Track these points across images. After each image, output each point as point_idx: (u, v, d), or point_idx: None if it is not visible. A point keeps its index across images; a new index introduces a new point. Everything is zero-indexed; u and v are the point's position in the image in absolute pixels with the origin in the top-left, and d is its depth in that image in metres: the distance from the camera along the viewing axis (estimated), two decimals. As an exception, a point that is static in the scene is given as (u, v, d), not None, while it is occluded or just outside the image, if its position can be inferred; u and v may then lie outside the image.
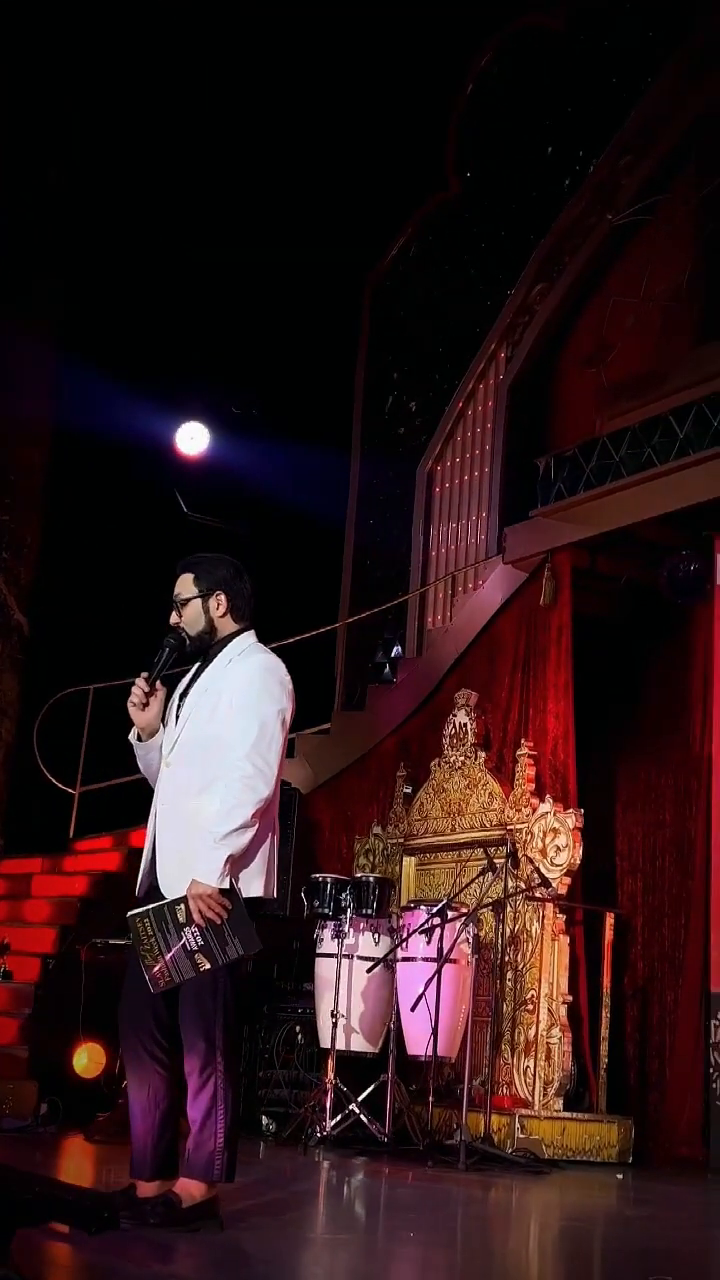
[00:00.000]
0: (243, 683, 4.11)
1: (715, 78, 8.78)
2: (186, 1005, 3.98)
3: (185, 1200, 3.92)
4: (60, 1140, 6.56)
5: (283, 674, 4.19)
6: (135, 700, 4.17)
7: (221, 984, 3.99)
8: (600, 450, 7.74)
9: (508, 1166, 6.45)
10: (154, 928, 3.93)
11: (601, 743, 8.57)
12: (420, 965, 6.83)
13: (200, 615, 4.23)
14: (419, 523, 10.47)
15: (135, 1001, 4.10)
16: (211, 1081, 3.95)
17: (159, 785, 4.19)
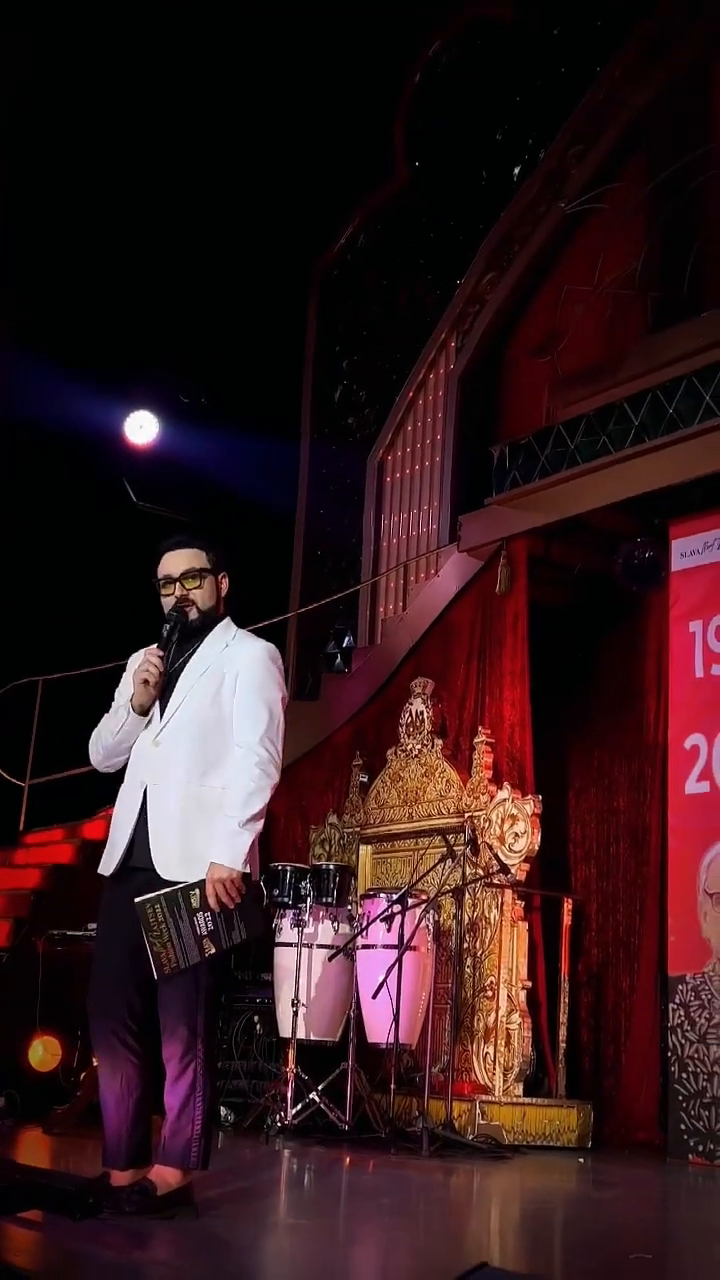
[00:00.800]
0: (249, 667, 4.10)
1: (664, 68, 8.81)
2: (171, 991, 3.94)
3: (161, 1188, 3.88)
4: (18, 1134, 6.49)
5: (280, 662, 4.22)
6: (150, 676, 4.08)
7: (205, 970, 3.96)
8: (555, 438, 7.75)
9: (470, 1152, 6.45)
10: (165, 913, 3.88)
11: (554, 730, 8.58)
12: (380, 953, 6.81)
13: (213, 592, 4.22)
14: (370, 512, 10.45)
15: (106, 989, 4.05)
16: (192, 1068, 3.91)
17: (143, 764, 4.10)
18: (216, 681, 4.10)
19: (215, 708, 4.07)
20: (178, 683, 4.12)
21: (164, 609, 4.20)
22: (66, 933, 7.06)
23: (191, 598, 4.17)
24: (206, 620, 4.20)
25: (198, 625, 4.18)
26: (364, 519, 10.46)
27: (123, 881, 4.04)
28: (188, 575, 4.17)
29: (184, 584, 4.18)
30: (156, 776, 4.05)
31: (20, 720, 9.83)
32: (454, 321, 10.03)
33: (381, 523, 10.40)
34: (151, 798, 4.04)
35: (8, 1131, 6.54)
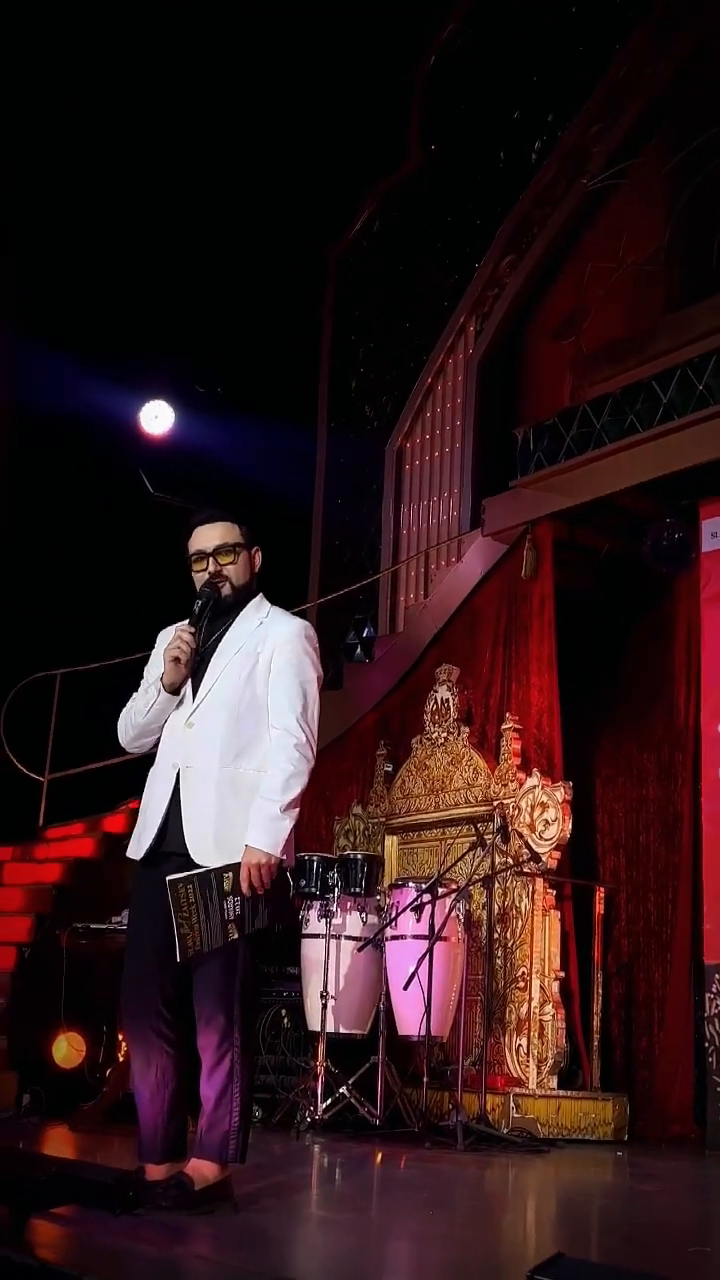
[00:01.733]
0: (283, 646, 3.96)
1: (684, 43, 8.67)
2: (206, 979, 3.80)
3: (198, 1182, 3.74)
4: (44, 1130, 6.36)
5: (316, 641, 4.07)
6: (181, 653, 3.93)
7: (242, 957, 3.82)
8: (581, 418, 7.60)
9: (505, 1146, 6.30)
10: (197, 894, 3.74)
11: (580, 717, 8.42)
12: (410, 944, 6.67)
13: (247, 566, 4.08)
14: (389, 501, 10.32)
15: (139, 978, 3.91)
16: (228, 1058, 3.77)
17: (175, 745, 3.96)
18: (250, 660, 3.96)
19: (249, 688, 3.93)
20: (211, 661, 3.98)
21: (196, 585, 4.06)
22: (90, 926, 6.92)
23: (225, 573, 4.02)
24: (240, 597, 4.05)
25: (231, 602, 4.03)
26: (383, 507, 10.33)
27: (154, 866, 3.90)
28: (221, 550, 4.03)
29: (218, 559, 4.03)
30: (190, 759, 3.92)
31: (38, 715, 9.71)
32: (472, 305, 9.90)
33: (401, 511, 10.27)
34: (184, 780, 3.90)
35: (33, 1129, 6.41)
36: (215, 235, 10.86)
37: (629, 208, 8.57)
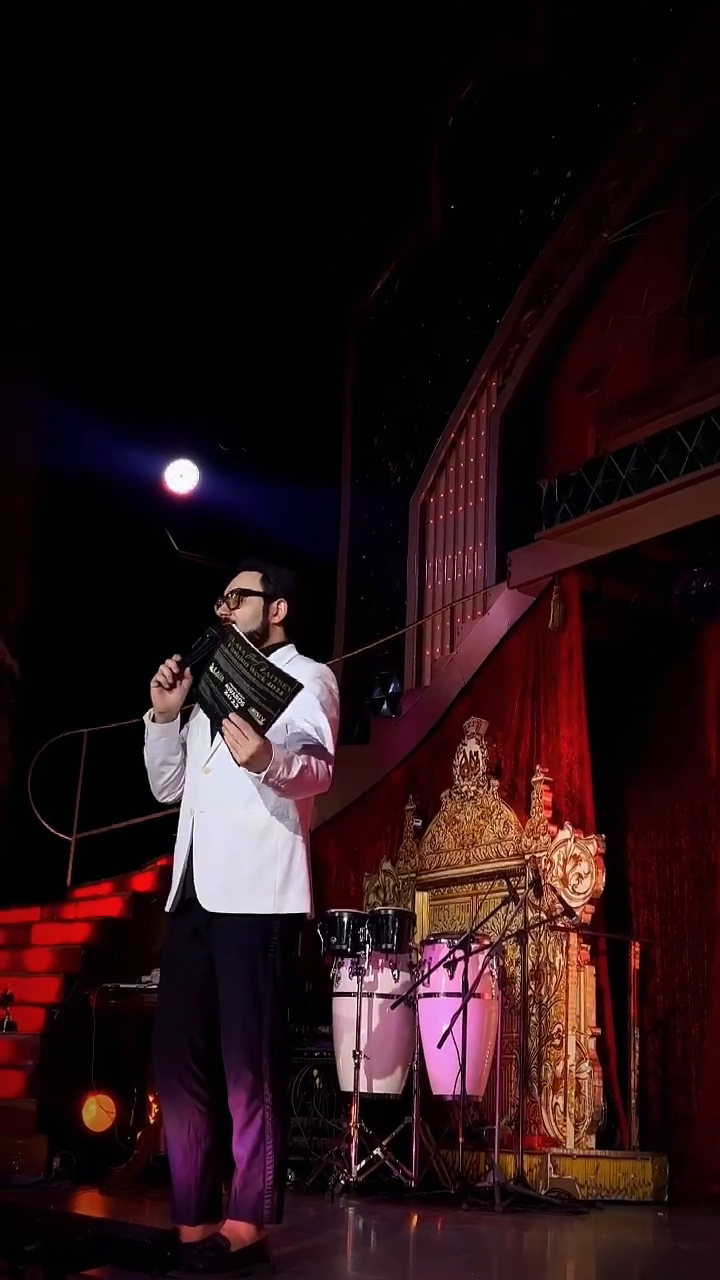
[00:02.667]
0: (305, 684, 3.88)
1: (702, 99, 8.74)
2: (233, 1035, 3.75)
3: (234, 1243, 3.67)
4: (74, 1195, 6.28)
5: (335, 684, 4.06)
6: (162, 680, 3.93)
7: (268, 1012, 3.75)
8: (606, 469, 7.59)
9: (544, 1207, 6.18)
10: None
11: (611, 769, 8.35)
12: (443, 1001, 6.58)
13: (257, 615, 4.08)
14: (414, 555, 10.32)
15: (169, 1035, 3.85)
16: (259, 1115, 3.70)
17: (193, 792, 3.96)
18: None
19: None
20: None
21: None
22: (120, 985, 6.85)
23: (232, 617, 4.04)
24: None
25: None
26: (407, 562, 10.33)
27: (182, 915, 3.87)
28: (232, 592, 4.08)
29: (229, 601, 4.08)
30: (204, 804, 3.92)
31: (66, 774, 9.68)
32: (494, 361, 9.94)
33: (425, 565, 10.27)
34: (198, 826, 3.91)
35: (64, 1193, 6.33)
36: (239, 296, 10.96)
37: (649, 261, 8.61)
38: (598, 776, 7.91)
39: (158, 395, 10.27)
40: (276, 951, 3.83)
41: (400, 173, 11.14)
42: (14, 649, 9.86)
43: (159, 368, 10.39)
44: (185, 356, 10.60)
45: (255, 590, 4.09)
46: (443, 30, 10.58)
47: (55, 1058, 7.25)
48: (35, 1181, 6.47)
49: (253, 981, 3.78)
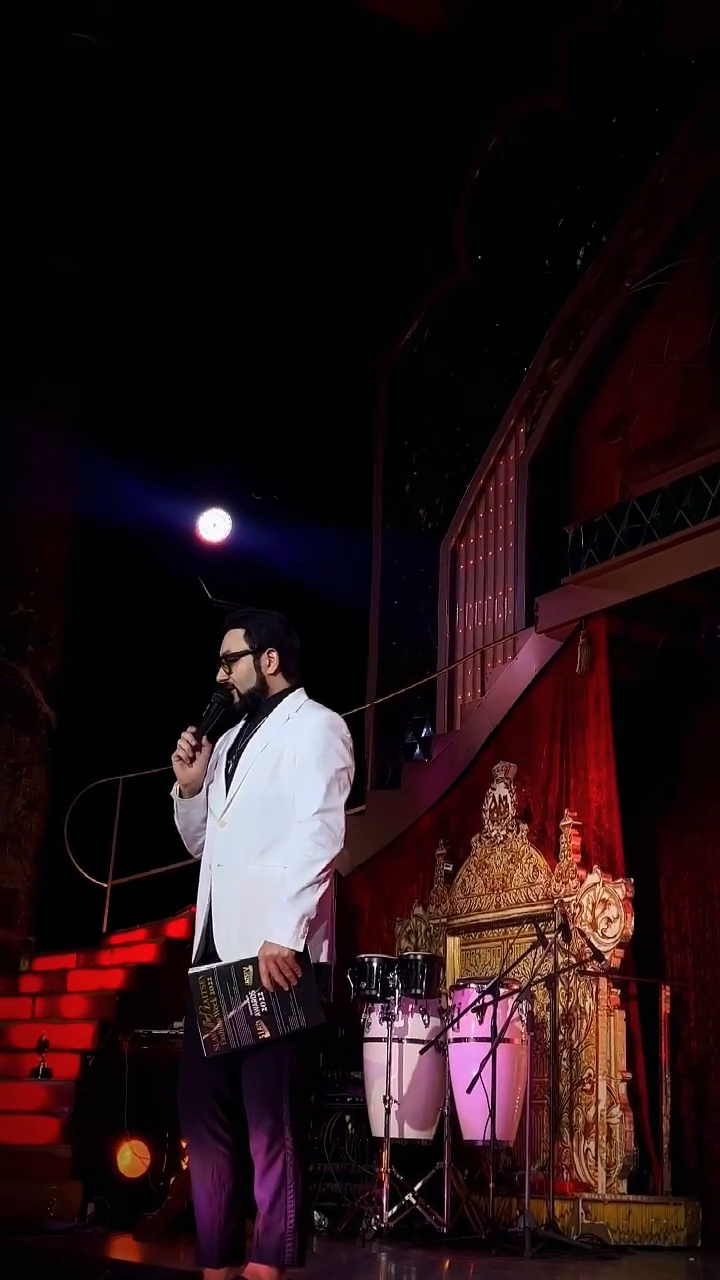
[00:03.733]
0: (307, 740, 3.97)
1: None
2: (252, 1079, 3.81)
3: None
4: (109, 1240, 6.33)
5: (345, 731, 4.06)
6: (182, 754, 4.01)
7: (288, 1055, 3.81)
8: (630, 514, 7.66)
9: (575, 1253, 6.18)
10: (216, 988, 3.75)
11: (640, 813, 8.37)
12: (473, 1046, 6.62)
13: (251, 672, 4.10)
14: (444, 601, 10.40)
15: (194, 1078, 3.92)
16: (280, 1159, 3.76)
17: (211, 845, 4.03)
18: (275, 757, 3.99)
19: (274, 785, 3.96)
20: (240, 760, 4.04)
21: None
22: (152, 1032, 6.92)
23: (231, 680, 4.11)
24: (256, 698, 4.10)
25: (244, 705, 4.11)
26: (438, 608, 10.41)
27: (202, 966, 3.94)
28: (225, 658, 4.13)
29: (224, 666, 4.13)
30: (222, 857, 3.98)
31: (102, 821, 9.78)
32: (522, 407, 10.03)
33: (456, 611, 10.34)
34: (216, 879, 3.97)
35: (98, 1239, 6.38)
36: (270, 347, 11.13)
37: (673, 308, 8.69)
38: (629, 819, 7.94)
39: (190, 446, 10.43)
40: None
41: (428, 224, 11.29)
42: (50, 698, 9.98)
43: (191, 419, 10.56)
44: (217, 407, 10.77)
45: (242, 650, 4.11)
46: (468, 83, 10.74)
47: (90, 1104, 7.31)
48: (69, 1227, 6.53)
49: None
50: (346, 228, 11.07)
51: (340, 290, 11.23)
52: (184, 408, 10.57)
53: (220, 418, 10.74)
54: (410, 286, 11.55)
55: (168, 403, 10.51)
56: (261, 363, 11.09)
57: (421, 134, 10.86)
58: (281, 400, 11.15)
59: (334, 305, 11.24)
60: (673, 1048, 7.44)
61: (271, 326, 11.10)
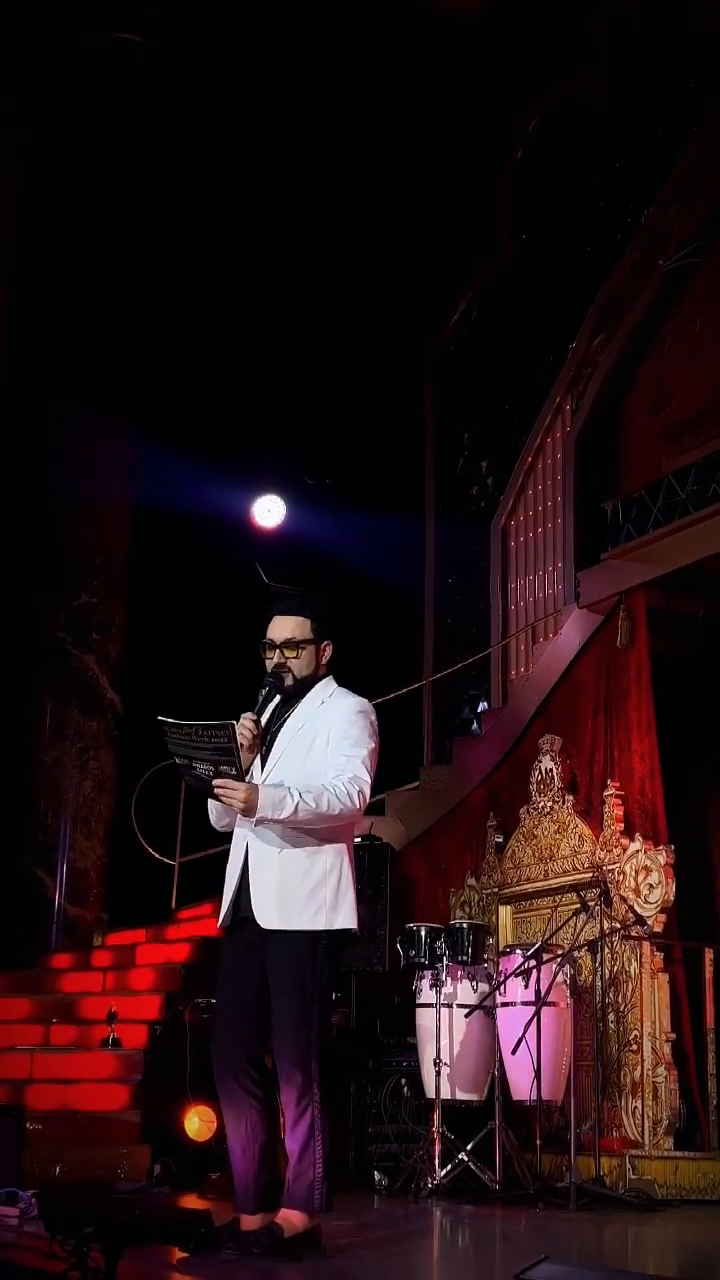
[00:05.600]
0: (342, 722, 4.28)
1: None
2: (282, 1038, 4.09)
3: (288, 1230, 4.00)
4: (175, 1199, 6.65)
5: (374, 716, 4.38)
6: (246, 740, 4.22)
7: (316, 1017, 4.11)
8: (666, 489, 7.83)
9: (620, 1206, 6.41)
10: None
11: (696, 780, 8.57)
12: (520, 1010, 6.84)
13: (312, 660, 4.39)
14: (496, 578, 10.58)
15: (226, 1038, 4.22)
16: (309, 1112, 4.04)
17: (244, 819, 4.28)
18: (310, 738, 4.29)
19: (309, 764, 4.25)
20: (276, 740, 4.31)
21: (266, 666, 4.39)
22: (211, 1001, 7.20)
23: (290, 665, 4.35)
24: (304, 684, 4.38)
25: (294, 690, 4.36)
26: (490, 584, 10.59)
27: (233, 933, 4.23)
28: (288, 644, 4.36)
29: (284, 651, 4.35)
30: (256, 834, 4.25)
31: (168, 801, 10.09)
32: (568, 385, 10.16)
33: (508, 587, 10.52)
34: (252, 852, 4.26)
35: (164, 1198, 6.70)
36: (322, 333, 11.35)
37: (708, 285, 8.80)
38: (680, 787, 8.14)
39: (243, 433, 10.68)
40: (323, 963, 4.18)
41: (473, 208, 11.44)
42: (116, 684, 10.31)
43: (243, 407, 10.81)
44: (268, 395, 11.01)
45: (308, 639, 4.38)
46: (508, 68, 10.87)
47: (157, 1071, 7.62)
48: (138, 1188, 6.85)
49: (303, 991, 4.14)
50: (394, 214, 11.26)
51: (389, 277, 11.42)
52: (236, 396, 10.83)
53: (272, 405, 10.98)
54: (457, 271, 11.71)
55: (220, 392, 10.77)
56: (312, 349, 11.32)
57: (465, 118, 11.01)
58: (333, 386, 11.36)
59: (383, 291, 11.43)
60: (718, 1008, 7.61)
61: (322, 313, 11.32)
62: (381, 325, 11.55)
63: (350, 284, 11.32)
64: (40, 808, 9.91)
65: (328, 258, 11.18)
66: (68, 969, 9.18)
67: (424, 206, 11.34)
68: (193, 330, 10.80)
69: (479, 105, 10.89)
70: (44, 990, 8.79)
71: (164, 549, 10.39)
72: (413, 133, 10.86)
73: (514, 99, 11.05)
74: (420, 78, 10.62)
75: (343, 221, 11.20)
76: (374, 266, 11.34)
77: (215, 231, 10.79)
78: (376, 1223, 5.34)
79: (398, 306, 11.58)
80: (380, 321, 11.53)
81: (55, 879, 9.80)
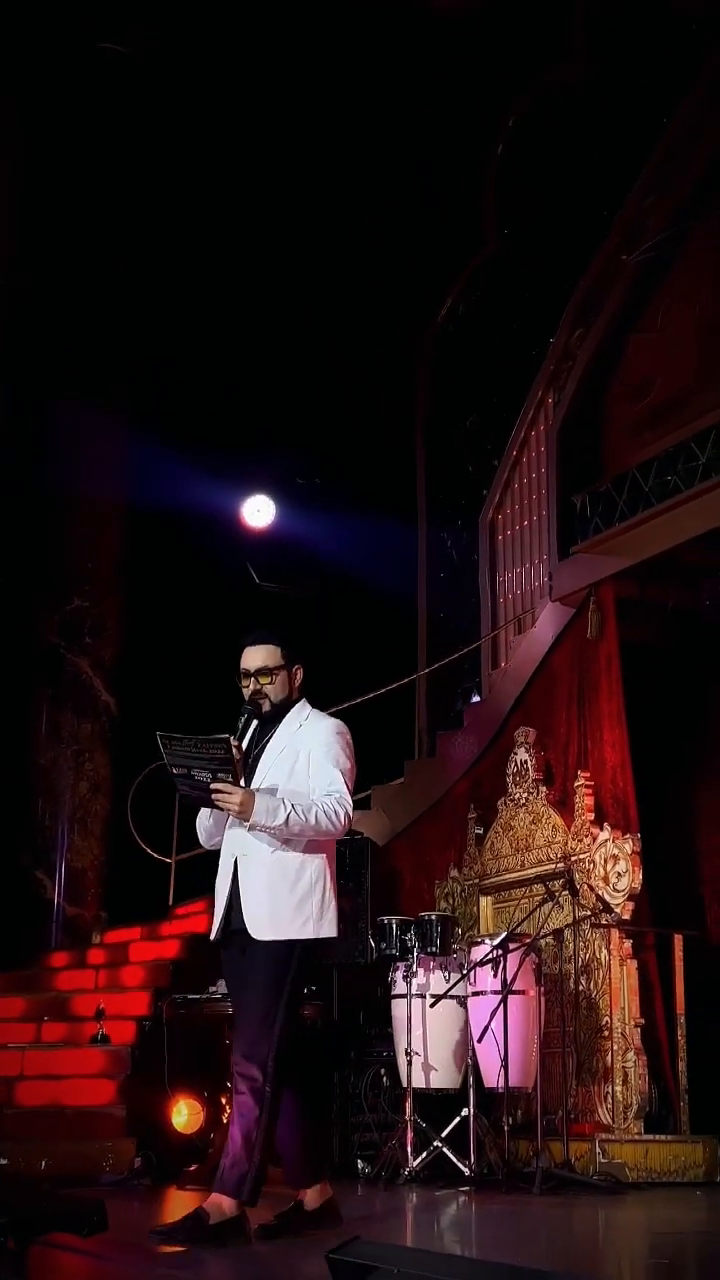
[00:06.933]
0: (322, 742, 4.56)
1: None
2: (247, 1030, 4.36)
3: (214, 1215, 4.16)
4: (154, 1191, 6.82)
5: (349, 737, 4.66)
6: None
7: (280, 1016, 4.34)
8: (631, 483, 7.91)
9: (585, 1189, 6.53)
10: None
11: (678, 769, 8.66)
12: (489, 999, 6.96)
13: (286, 684, 4.67)
14: (485, 571, 10.67)
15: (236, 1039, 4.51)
16: (260, 1106, 4.27)
17: (233, 836, 4.56)
18: (293, 758, 4.57)
19: (292, 781, 4.53)
20: (260, 761, 4.58)
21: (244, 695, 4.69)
22: (187, 996, 7.39)
23: (265, 691, 4.64)
24: (280, 708, 4.66)
25: (271, 714, 4.64)
26: (479, 578, 10.69)
27: (227, 945, 4.53)
28: (262, 672, 4.65)
29: (259, 679, 4.64)
30: (245, 848, 4.51)
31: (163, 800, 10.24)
32: (550, 378, 10.23)
33: (496, 580, 10.61)
34: (241, 868, 4.51)
35: (144, 1190, 6.87)
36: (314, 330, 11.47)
37: (681, 279, 8.86)
38: (665, 775, 8.26)
39: (233, 433, 10.80)
40: (298, 968, 4.46)
41: (459, 202, 11.54)
42: (110, 685, 10.48)
43: (236, 406, 10.93)
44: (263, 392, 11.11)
45: (279, 665, 4.66)
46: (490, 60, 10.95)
47: (144, 1067, 7.79)
48: (119, 1179, 7.02)
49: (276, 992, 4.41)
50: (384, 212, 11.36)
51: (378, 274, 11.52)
52: (228, 396, 10.94)
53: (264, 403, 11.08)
54: (445, 266, 11.81)
55: (212, 390, 10.89)
56: (303, 346, 11.42)
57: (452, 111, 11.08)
58: (324, 382, 11.47)
59: (373, 288, 11.54)
60: (705, 995, 7.69)
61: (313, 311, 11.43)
62: (371, 321, 11.66)
63: (340, 281, 11.43)
64: (37, 809, 10.10)
65: (319, 255, 11.29)
66: (64, 967, 9.37)
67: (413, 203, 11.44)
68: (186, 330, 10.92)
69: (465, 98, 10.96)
70: (39, 988, 8.98)
71: (155, 550, 10.53)
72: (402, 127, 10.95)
73: (498, 91, 11.12)
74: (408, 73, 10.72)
75: (334, 219, 11.31)
76: (363, 264, 11.44)
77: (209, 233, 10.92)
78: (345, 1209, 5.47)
79: (387, 302, 11.68)
80: (370, 317, 11.64)
81: (54, 879, 10.00)
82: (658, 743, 8.61)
